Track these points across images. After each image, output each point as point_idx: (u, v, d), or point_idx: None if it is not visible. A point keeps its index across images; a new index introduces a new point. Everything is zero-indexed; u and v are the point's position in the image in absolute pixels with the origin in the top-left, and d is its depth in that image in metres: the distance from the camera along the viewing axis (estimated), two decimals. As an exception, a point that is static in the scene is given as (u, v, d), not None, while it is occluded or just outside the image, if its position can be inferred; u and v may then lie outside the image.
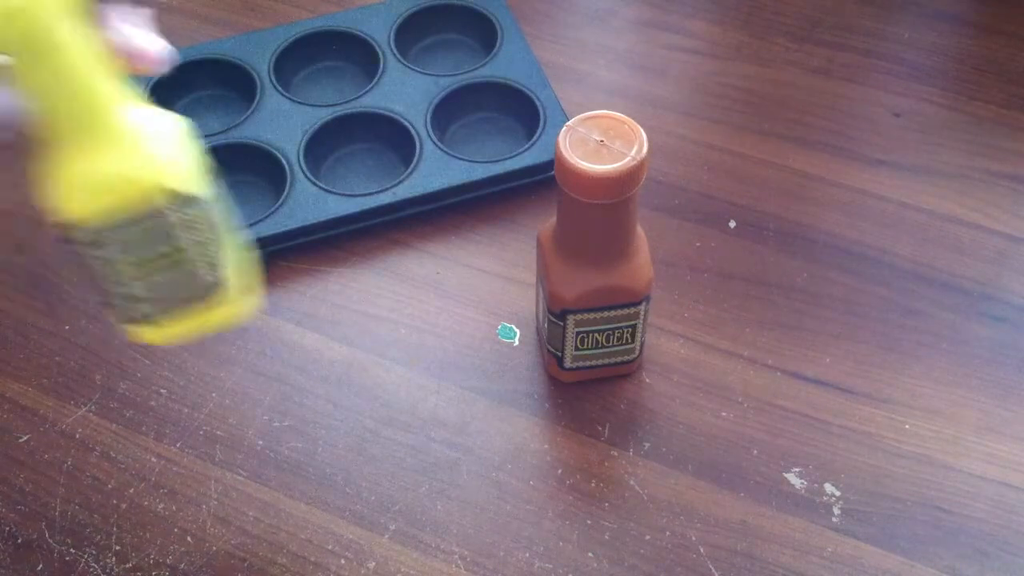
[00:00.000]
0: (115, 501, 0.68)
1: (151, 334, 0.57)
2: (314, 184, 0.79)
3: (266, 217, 0.78)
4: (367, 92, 0.84)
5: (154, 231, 0.51)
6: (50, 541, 0.67)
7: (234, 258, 0.56)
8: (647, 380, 0.73)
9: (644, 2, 0.94)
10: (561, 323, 0.68)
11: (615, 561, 0.66)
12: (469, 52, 0.89)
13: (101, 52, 0.48)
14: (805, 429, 0.70)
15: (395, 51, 0.87)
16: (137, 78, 0.52)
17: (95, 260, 0.52)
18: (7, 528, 0.67)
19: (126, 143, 0.50)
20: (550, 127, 0.81)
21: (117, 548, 0.66)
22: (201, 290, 0.55)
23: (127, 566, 0.66)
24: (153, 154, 0.51)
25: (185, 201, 0.51)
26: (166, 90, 0.85)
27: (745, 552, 0.66)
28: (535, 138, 0.81)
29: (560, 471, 0.69)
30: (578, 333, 0.68)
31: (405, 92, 0.84)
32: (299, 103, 0.84)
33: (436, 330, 0.75)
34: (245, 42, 0.87)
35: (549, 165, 0.79)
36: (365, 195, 0.79)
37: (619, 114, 0.62)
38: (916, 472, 0.69)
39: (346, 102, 0.84)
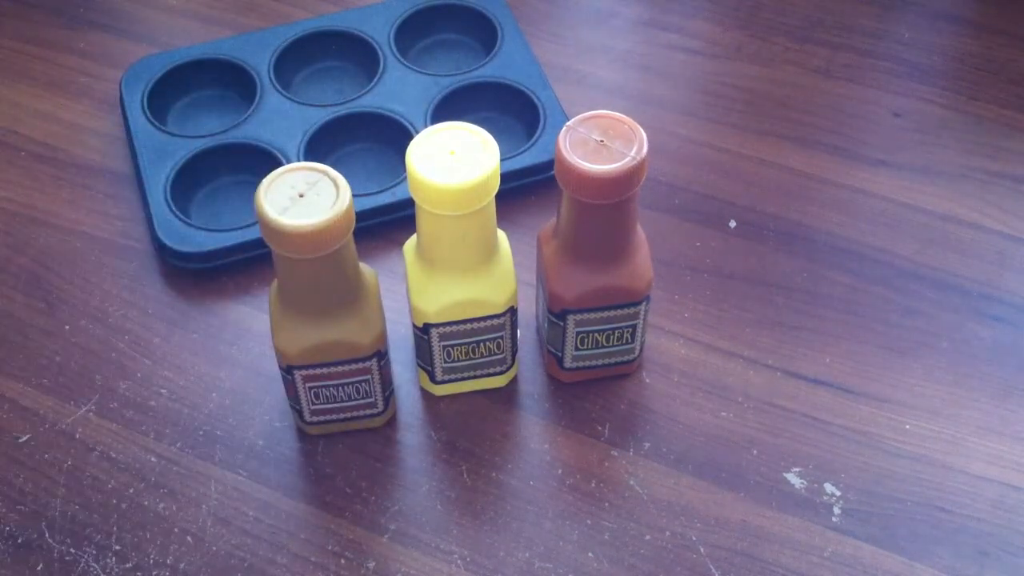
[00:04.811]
0: (115, 501, 0.68)
1: (439, 389, 0.71)
2: (314, 184, 0.79)
3: (266, 217, 0.78)
4: (367, 92, 0.84)
5: (488, 328, 0.67)
6: (50, 541, 0.67)
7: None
8: (647, 380, 0.73)
9: (644, 2, 0.94)
10: (561, 323, 0.68)
11: (615, 561, 0.66)
12: (469, 52, 0.89)
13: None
14: (805, 429, 0.70)
15: (395, 51, 0.87)
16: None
17: (437, 342, 0.67)
18: (7, 528, 0.67)
19: (487, 274, 0.65)
20: (550, 127, 0.81)
21: (117, 548, 0.66)
22: (498, 367, 0.70)
23: (127, 566, 0.66)
24: (503, 281, 0.66)
25: (512, 311, 0.67)
26: (167, 90, 0.85)
27: (745, 552, 0.66)
28: (535, 138, 0.81)
29: (560, 471, 0.69)
30: (578, 333, 0.68)
31: (405, 92, 0.84)
32: (299, 103, 0.84)
33: (436, 330, 0.75)
34: (245, 42, 0.87)
35: (549, 165, 0.79)
36: (365, 195, 0.79)
37: (619, 114, 0.62)
38: (916, 472, 0.69)
39: (346, 102, 0.84)
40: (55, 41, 0.92)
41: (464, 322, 0.66)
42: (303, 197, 0.59)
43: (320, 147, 0.82)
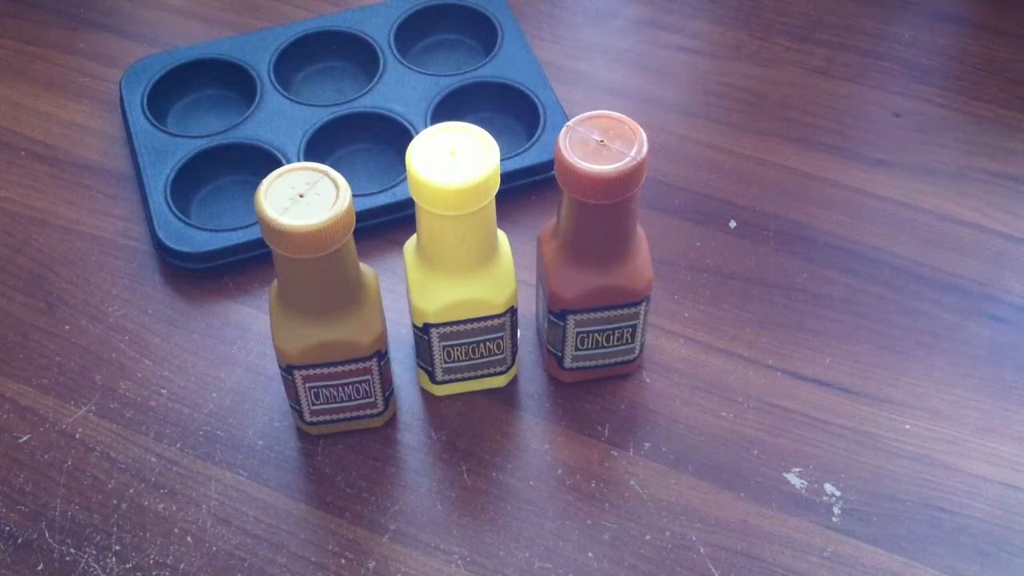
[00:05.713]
0: (115, 501, 0.68)
1: (439, 389, 0.71)
2: (314, 184, 0.79)
3: (266, 217, 0.78)
4: (367, 92, 0.84)
5: (488, 328, 0.67)
6: (50, 541, 0.67)
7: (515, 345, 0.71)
8: (647, 380, 0.73)
9: (644, 2, 0.94)
10: (561, 323, 0.68)
11: (615, 561, 0.66)
12: (469, 52, 0.89)
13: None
14: (805, 429, 0.70)
15: (395, 51, 0.87)
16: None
17: (437, 342, 0.67)
18: (7, 528, 0.67)
19: (487, 274, 0.65)
20: (550, 127, 0.81)
21: (117, 548, 0.66)
22: (498, 367, 0.70)
23: (127, 566, 0.66)
24: (503, 281, 0.66)
25: (512, 311, 0.67)
26: (167, 90, 0.85)
27: (745, 552, 0.66)
28: (535, 138, 0.81)
29: (560, 471, 0.69)
30: (578, 333, 0.68)
31: (405, 92, 0.84)
32: (299, 103, 0.84)
33: (436, 330, 0.75)
34: (245, 42, 0.87)
35: (549, 165, 0.80)
36: (365, 195, 0.79)
37: (619, 114, 0.62)
38: (916, 472, 0.69)
39: (346, 102, 0.84)
40: (55, 41, 0.92)
41: (464, 322, 0.66)
42: (303, 197, 0.59)
43: (320, 147, 0.82)
